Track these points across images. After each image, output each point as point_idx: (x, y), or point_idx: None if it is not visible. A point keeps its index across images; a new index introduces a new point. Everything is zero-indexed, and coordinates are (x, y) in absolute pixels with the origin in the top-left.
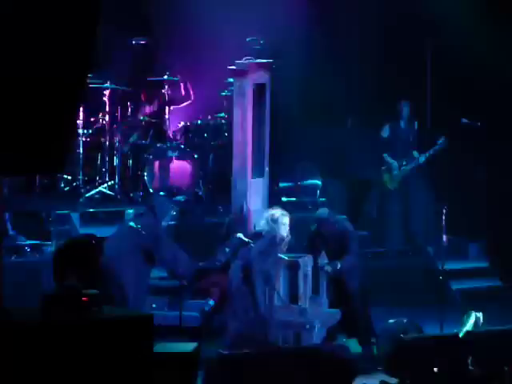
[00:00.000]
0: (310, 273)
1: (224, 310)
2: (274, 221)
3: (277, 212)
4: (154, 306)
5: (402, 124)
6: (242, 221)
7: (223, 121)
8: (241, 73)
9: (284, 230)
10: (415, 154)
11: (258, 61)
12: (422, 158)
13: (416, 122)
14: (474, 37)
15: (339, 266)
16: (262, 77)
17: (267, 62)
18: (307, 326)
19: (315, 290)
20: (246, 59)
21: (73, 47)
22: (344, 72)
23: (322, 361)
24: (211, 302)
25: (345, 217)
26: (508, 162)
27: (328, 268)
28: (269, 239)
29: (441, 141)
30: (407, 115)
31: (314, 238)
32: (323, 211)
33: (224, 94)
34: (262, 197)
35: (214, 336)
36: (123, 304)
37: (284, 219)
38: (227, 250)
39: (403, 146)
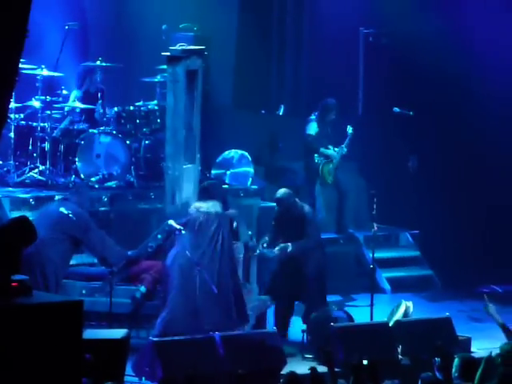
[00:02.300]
0: (241, 260)
1: (155, 297)
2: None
3: (203, 205)
4: (83, 292)
5: (325, 123)
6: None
7: (156, 107)
8: (175, 59)
9: (213, 207)
10: (331, 147)
11: (191, 47)
12: (345, 149)
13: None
14: (407, 25)
15: (290, 248)
16: (195, 63)
17: (199, 49)
18: (263, 308)
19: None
20: (179, 45)
21: (5, 33)
22: (277, 61)
23: (253, 348)
24: (142, 289)
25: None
26: (440, 151)
27: (276, 250)
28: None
29: (350, 130)
30: (332, 118)
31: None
32: (282, 192)
33: (157, 80)
34: (193, 183)
35: (145, 323)
36: (46, 290)
37: (212, 203)
38: (159, 236)
39: (327, 140)
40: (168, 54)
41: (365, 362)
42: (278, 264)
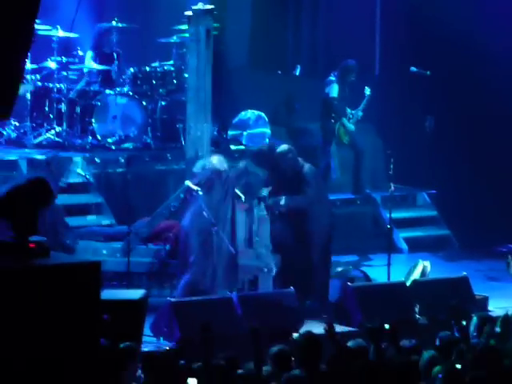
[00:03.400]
0: (266, 218)
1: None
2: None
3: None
4: (104, 252)
5: (345, 85)
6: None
7: (172, 68)
8: (197, 18)
9: (221, 164)
10: (348, 110)
11: (208, 7)
12: (360, 113)
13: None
14: None
15: (282, 201)
16: (210, 23)
17: (211, 8)
18: (265, 270)
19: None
20: (200, 4)
21: None
22: (294, 21)
23: (270, 308)
24: (168, 247)
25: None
26: (457, 110)
27: (269, 202)
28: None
29: (367, 91)
30: (352, 79)
31: (271, 174)
32: (283, 148)
33: (173, 40)
34: (206, 143)
35: (169, 281)
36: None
37: (218, 159)
38: (181, 196)
39: (344, 102)
40: (190, 13)
41: (386, 326)
42: (276, 220)
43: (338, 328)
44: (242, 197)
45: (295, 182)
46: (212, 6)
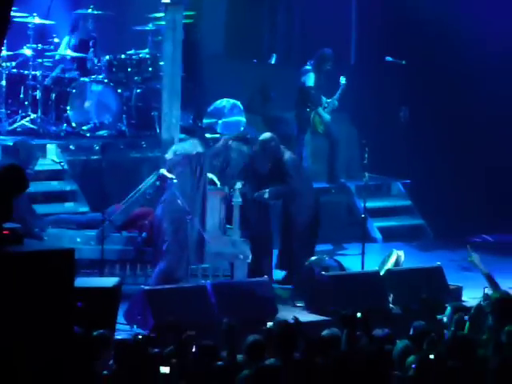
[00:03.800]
0: (238, 206)
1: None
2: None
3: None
4: (78, 240)
5: (321, 73)
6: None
7: (147, 56)
8: (174, 5)
9: (193, 148)
10: (323, 98)
11: None
12: (335, 102)
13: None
14: None
15: (266, 195)
16: (181, 12)
17: None
18: (241, 257)
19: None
20: None
21: None
22: (269, 10)
23: (244, 297)
24: (144, 235)
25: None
26: (432, 101)
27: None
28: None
29: (343, 80)
30: (328, 68)
31: (252, 162)
32: (266, 135)
33: (148, 28)
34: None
35: (143, 270)
36: None
37: (190, 143)
38: (157, 183)
39: (320, 91)
40: (168, 1)
41: (358, 314)
42: (259, 210)
43: (312, 317)
44: (218, 182)
45: (276, 171)
46: None
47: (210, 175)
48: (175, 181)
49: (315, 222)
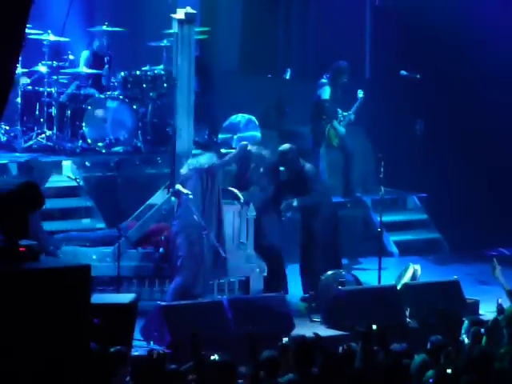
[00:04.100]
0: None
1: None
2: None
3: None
4: (94, 257)
5: (337, 86)
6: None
7: (162, 72)
8: (188, 21)
9: (206, 161)
10: (340, 112)
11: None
12: (352, 116)
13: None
14: None
15: (295, 203)
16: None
17: (195, 13)
18: (257, 270)
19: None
20: (188, 8)
21: None
22: (284, 25)
23: (261, 312)
24: (161, 250)
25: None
26: (447, 114)
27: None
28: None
29: (360, 94)
30: (345, 81)
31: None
32: (284, 146)
33: (163, 44)
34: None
35: (160, 286)
36: None
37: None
38: (172, 199)
39: (336, 104)
40: (182, 16)
41: (374, 327)
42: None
43: (330, 332)
44: (241, 197)
45: (298, 182)
46: (195, 11)
47: (233, 190)
48: (190, 196)
49: (336, 235)
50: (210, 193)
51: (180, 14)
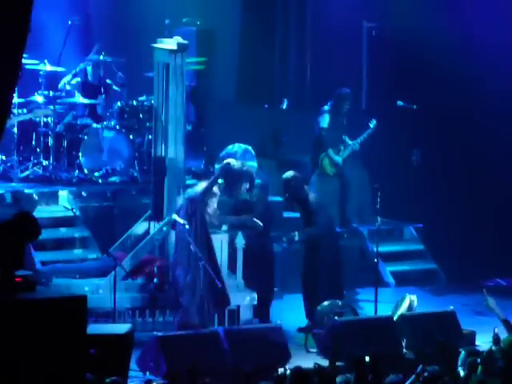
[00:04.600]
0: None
1: (166, 288)
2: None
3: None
4: (86, 289)
5: (339, 114)
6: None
7: None
8: (178, 51)
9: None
10: (347, 140)
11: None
12: (357, 145)
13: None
14: (410, 19)
15: (297, 237)
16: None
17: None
18: (247, 299)
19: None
20: (175, 38)
21: (8, 28)
22: (280, 55)
23: (257, 343)
24: (156, 281)
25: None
26: (443, 144)
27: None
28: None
29: (372, 124)
30: (347, 108)
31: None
32: (290, 173)
33: None
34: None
35: (154, 316)
36: None
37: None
38: (164, 229)
39: (339, 131)
40: (173, 46)
41: (366, 358)
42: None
43: (326, 362)
44: (260, 224)
45: (302, 211)
46: (186, 42)
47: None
48: (187, 226)
49: (338, 264)
50: (196, 221)
51: (169, 44)
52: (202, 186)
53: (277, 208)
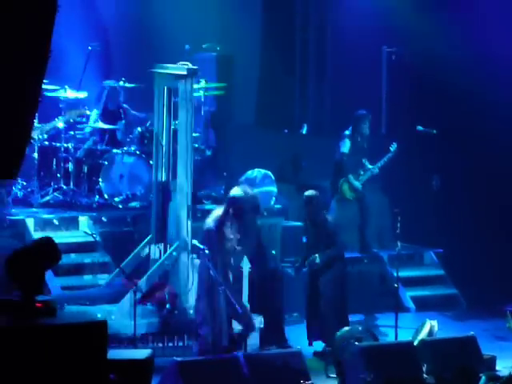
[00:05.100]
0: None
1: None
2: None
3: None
4: (98, 315)
5: (358, 136)
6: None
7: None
8: (187, 76)
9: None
10: (367, 164)
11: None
12: (376, 169)
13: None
14: (430, 44)
15: (318, 260)
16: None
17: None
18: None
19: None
20: (181, 63)
21: (28, 54)
22: (300, 80)
23: (277, 368)
24: (168, 306)
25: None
26: (464, 169)
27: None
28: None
29: (393, 148)
30: (366, 129)
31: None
32: (311, 192)
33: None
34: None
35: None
36: None
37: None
38: (174, 254)
39: (359, 155)
40: (183, 72)
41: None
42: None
43: None
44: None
45: (320, 232)
46: (196, 67)
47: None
48: (206, 251)
49: (344, 290)
50: (213, 251)
51: (171, 69)
52: (217, 213)
53: (296, 233)
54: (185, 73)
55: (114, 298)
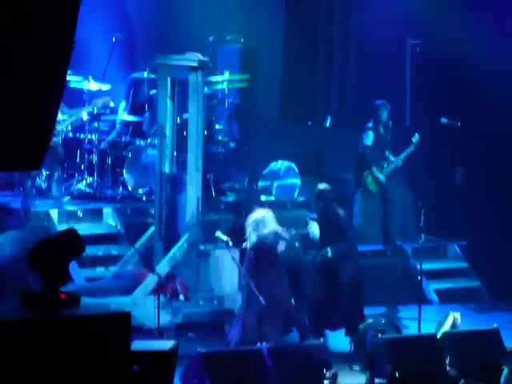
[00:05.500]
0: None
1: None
2: (260, 221)
3: (259, 213)
4: (112, 307)
5: (381, 128)
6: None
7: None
8: (198, 68)
9: (271, 225)
10: (390, 156)
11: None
12: (400, 161)
13: (391, 121)
14: (454, 36)
15: (330, 254)
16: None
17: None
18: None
19: None
20: (189, 54)
21: (52, 45)
22: (324, 72)
23: (300, 360)
24: (182, 298)
25: None
26: (488, 161)
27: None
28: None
29: (415, 139)
30: (386, 119)
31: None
32: (323, 185)
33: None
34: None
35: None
36: None
37: (267, 217)
38: (185, 245)
39: (382, 147)
40: (194, 64)
41: (397, 374)
42: (316, 271)
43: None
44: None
45: (332, 225)
46: (207, 59)
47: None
48: (230, 243)
49: (359, 284)
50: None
51: (176, 60)
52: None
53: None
54: (196, 64)
55: (128, 289)
